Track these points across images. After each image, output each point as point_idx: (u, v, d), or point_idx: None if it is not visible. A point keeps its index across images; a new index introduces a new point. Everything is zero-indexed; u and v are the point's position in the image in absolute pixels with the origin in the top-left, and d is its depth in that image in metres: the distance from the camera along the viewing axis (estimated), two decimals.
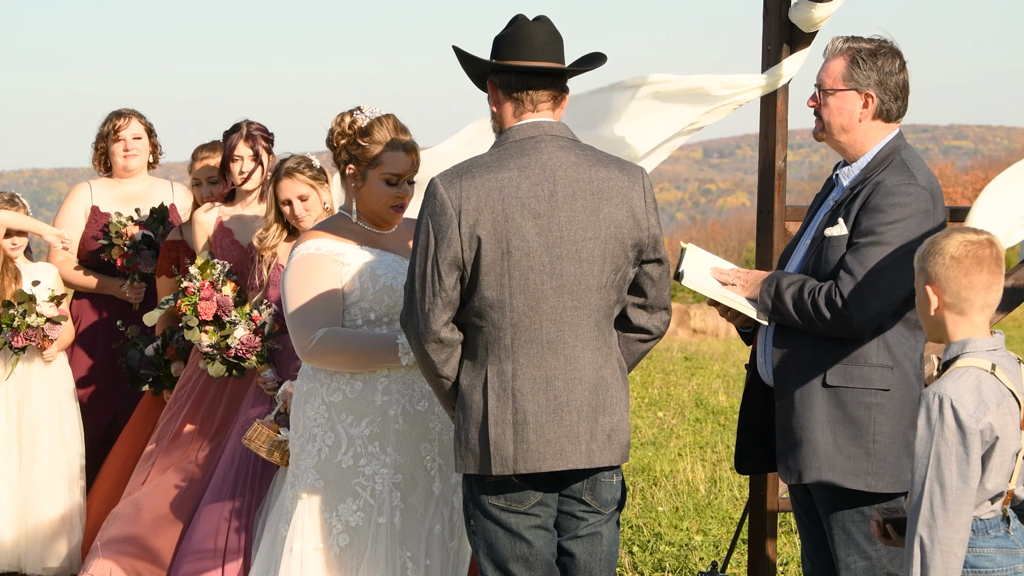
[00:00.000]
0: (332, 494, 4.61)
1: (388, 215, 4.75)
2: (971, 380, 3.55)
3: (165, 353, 6.14)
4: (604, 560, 4.28)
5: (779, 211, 5.69)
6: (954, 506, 3.49)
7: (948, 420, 3.50)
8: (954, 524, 3.49)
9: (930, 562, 3.50)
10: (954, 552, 3.50)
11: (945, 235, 3.65)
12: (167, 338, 6.12)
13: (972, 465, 3.50)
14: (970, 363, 3.58)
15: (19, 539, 6.18)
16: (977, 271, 3.60)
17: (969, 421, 3.49)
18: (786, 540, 7.44)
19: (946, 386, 3.54)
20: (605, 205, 4.09)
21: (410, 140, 4.74)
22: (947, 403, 3.51)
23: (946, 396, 3.51)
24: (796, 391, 4.32)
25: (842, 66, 4.37)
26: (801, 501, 4.52)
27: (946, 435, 3.50)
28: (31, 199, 6.62)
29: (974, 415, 3.50)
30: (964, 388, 3.53)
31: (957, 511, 3.49)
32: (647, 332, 4.27)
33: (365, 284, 4.65)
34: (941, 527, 3.49)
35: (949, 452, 3.49)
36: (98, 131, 6.76)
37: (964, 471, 3.49)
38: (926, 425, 3.53)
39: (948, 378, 3.57)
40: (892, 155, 4.36)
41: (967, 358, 3.60)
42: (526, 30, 4.14)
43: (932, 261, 3.63)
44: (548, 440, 4.07)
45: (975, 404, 3.51)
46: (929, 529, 3.50)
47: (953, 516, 3.49)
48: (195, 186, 6.44)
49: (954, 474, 3.49)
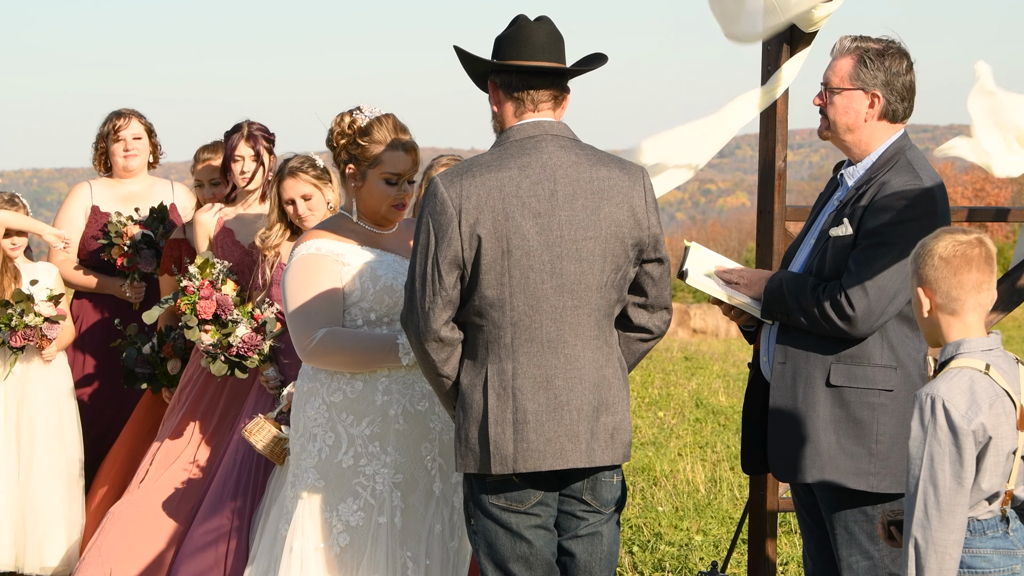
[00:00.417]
0: (332, 494, 4.61)
1: (389, 214, 4.75)
2: (964, 381, 3.55)
3: (161, 351, 6.14)
4: (604, 560, 4.28)
5: (779, 211, 5.69)
6: (948, 507, 3.49)
7: (940, 421, 3.50)
8: (948, 525, 3.50)
9: (925, 563, 3.50)
10: (948, 553, 3.50)
11: (934, 237, 3.65)
12: (163, 336, 6.12)
13: (965, 466, 3.50)
14: (964, 363, 3.59)
15: (18, 539, 6.18)
16: (966, 271, 3.60)
17: (961, 422, 3.49)
18: (786, 540, 7.44)
19: (939, 387, 3.55)
20: (606, 204, 4.09)
21: (410, 140, 4.74)
22: (939, 404, 3.51)
23: (938, 397, 3.52)
24: (798, 391, 4.32)
25: (849, 65, 4.37)
26: (803, 501, 4.52)
27: (939, 436, 3.50)
28: (31, 199, 6.62)
29: (966, 416, 3.50)
30: (956, 389, 3.53)
31: (951, 511, 3.50)
32: (648, 331, 4.27)
33: (366, 284, 4.65)
34: (935, 528, 3.49)
35: (942, 453, 3.50)
36: (98, 131, 6.77)
37: (957, 472, 3.50)
38: (919, 426, 3.54)
39: (941, 379, 3.58)
40: (897, 155, 4.36)
41: (961, 359, 3.60)
42: (527, 30, 4.14)
43: (922, 263, 3.63)
44: (548, 439, 4.07)
45: (967, 405, 3.51)
46: (924, 530, 3.50)
47: (947, 517, 3.50)
48: (197, 187, 6.44)
49: (947, 475, 3.49)
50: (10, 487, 6.18)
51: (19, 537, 6.18)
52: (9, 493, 6.17)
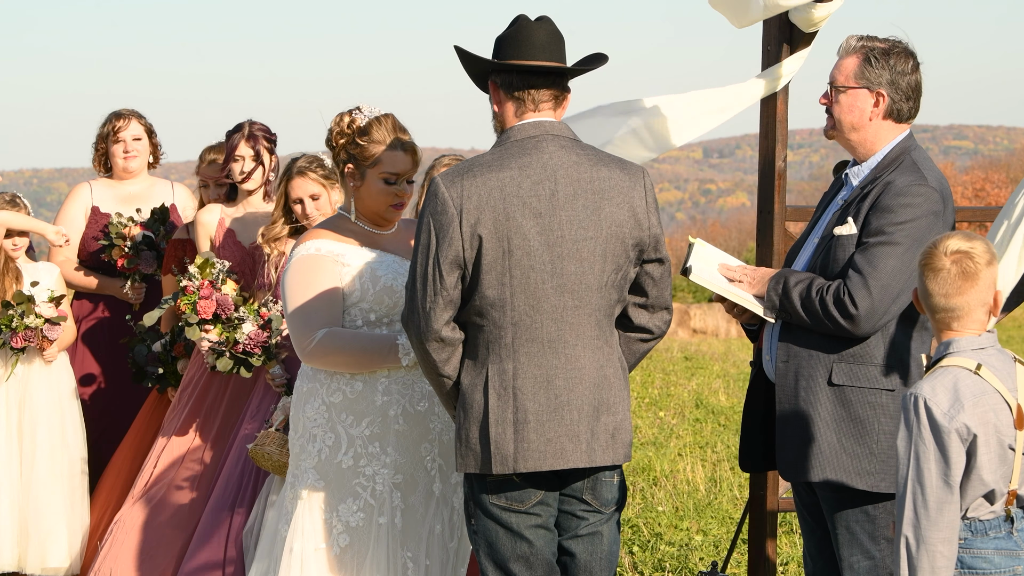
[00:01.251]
0: (332, 494, 4.61)
1: (387, 214, 4.75)
2: (948, 379, 3.57)
3: (173, 350, 6.14)
4: (605, 560, 4.28)
5: (779, 211, 5.69)
6: (936, 505, 3.51)
7: (923, 420, 3.53)
8: (937, 523, 3.51)
9: (917, 563, 3.51)
10: (939, 551, 3.51)
11: (933, 245, 3.68)
12: (175, 335, 6.12)
13: (951, 464, 3.51)
14: (953, 363, 3.61)
15: (20, 539, 6.18)
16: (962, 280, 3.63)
17: (943, 420, 3.51)
18: (786, 540, 7.44)
19: (922, 386, 3.58)
20: (606, 204, 4.09)
21: (409, 140, 4.74)
22: (921, 403, 3.54)
23: (921, 396, 3.55)
24: (800, 390, 4.33)
25: (855, 64, 4.37)
26: (805, 500, 4.52)
27: (923, 435, 3.53)
28: (31, 199, 6.61)
29: (948, 413, 3.52)
30: (940, 387, 3.56)
31: (939, 510, 3.51)
32: (648, 332, 4.27)
33: (365, 285, 4.65)
34: (925, 527, 3.51)
35: (927, 452, 3.52)
36: (98, 132, 6.77)
37: (943, 470, 3.51)
38: (905, 426, 3.57)
39: (927, 378, 3.61)
40: (902, 155, 4.36)
41: (951, 358, 3.63)
42: (528, 30, 4.14)
43: (921, 272, 3.68)
44: (548, 439, 4.07)
45: (949, 403, 3.53)
46: (914, 529, 3.52)
47: (935, 515, 3.51)
48: (202, 187, 6.44)
49: (933, 474, 3.51)
50: (12, 488, 6.18)
51: (22, 537, 6.18)
52: (11, 494, 6.17)
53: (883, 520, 4.32)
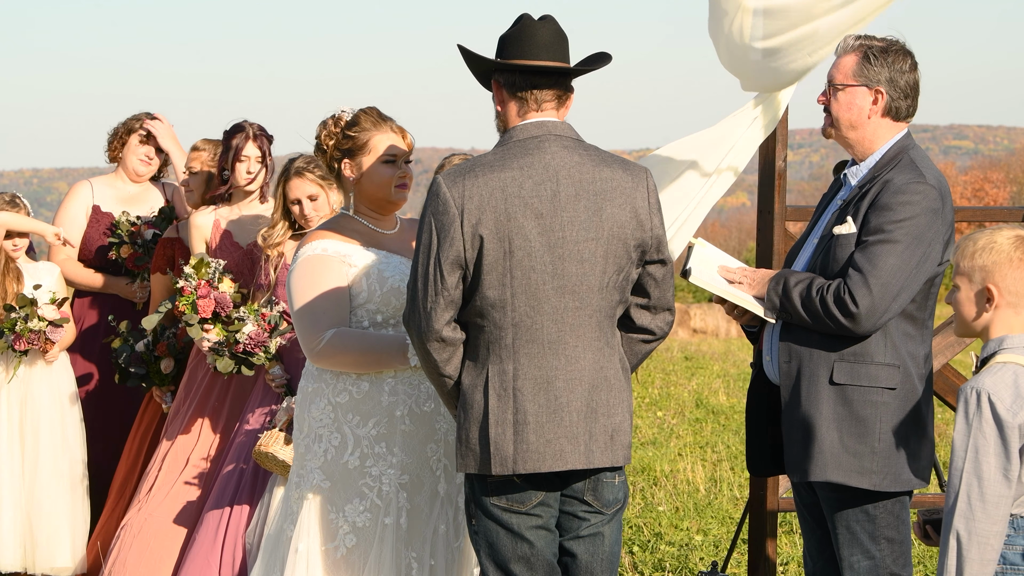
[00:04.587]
0: (338, 495, 4.60)
1: (394, 195, 4.72)
2: (1008, 375, 3.61)
3: (155, 349, 6.14)
4: (606, 560, 4.28)
5: (779, 211, 5.70)
6: (992, 498, 3.54)
7: (986, 414, 3.56)
8: (992, 516, 3.54)
9: (967, 554, 3.53)
10: (991, 544, 3.54)
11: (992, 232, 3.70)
12: (157, 334, 6.12)
13: (1011, 459, 3.55)
14: (1008, 359, 3.65)
15: (23, 540, 6.18)
16: None
17: (1006, 415, 3.55)
18: (786, 540, 7.45)
19: (984, 381, 3.60)
20: (608, 205, 4.09)
21: (396, 123, 4.75)
22: (984, 397, 3.57)
23: (983, 390, 3.57)
24: (802, 389, 4.33)
25: (853, 62, 4.38)
26: (805, 500, 4.52)
27: (984, 429, 3.55)
28: (31, 199, 6.62)
29: (1011, 409, 3.55)
30: (1001, 383, 3.59)
31: (995, 503, 3.54)
32: (650, 333, 4.26)
33: (372, 286, 4.64)
34: (979, 519, 3.54)
35: (987, 446, 3.55)
36: (124, 123, 6.73)
37: (1003, 464, 3.55)
38: (964, 419, 3.59)
39: (986, 373, 3.63)
40: (901, 154, 4.37)
41: (1005, 354, 3.66)
42: (531, 29, 4.13)
43: (987, 258, 3.68)
44: (548, 440, 4.07)
45: (1012, 398, 3.57)
46: (967, 521, 3.54)
47: (991, 508, 3.54)
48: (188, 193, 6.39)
49: (992, 467, 3.54)
50: (15, 488, 6.18)
51: (26, 538, 6.19)
52: (14, 494, 6.18)
53: (883, 520, 4.32)
